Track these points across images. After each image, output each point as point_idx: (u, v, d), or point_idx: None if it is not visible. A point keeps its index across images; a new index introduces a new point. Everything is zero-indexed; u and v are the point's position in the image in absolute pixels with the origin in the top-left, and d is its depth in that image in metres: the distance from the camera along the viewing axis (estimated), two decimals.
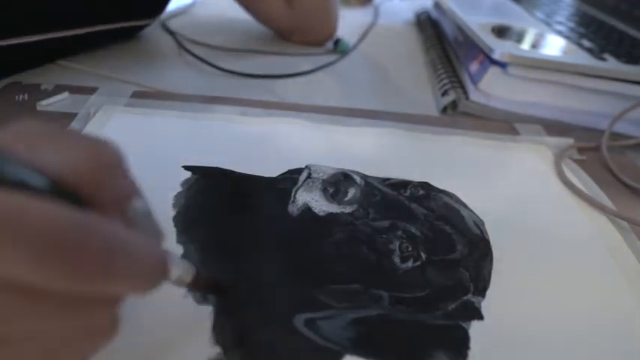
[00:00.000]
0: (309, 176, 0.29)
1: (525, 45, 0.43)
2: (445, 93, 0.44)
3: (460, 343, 0.21)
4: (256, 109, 0.38)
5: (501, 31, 0.46)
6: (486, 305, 0.23)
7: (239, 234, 0.25)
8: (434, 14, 0.69)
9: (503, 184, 0.32)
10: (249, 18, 0.57)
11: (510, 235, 0.27)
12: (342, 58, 0.53)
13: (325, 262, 0.24)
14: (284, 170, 0.30)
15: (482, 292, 0.23)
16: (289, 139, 0.34)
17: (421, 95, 0.46)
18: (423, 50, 0.60)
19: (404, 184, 0.30)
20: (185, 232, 0.25)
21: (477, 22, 0.47)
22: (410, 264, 0.24)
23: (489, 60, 0.41)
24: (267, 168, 0.30)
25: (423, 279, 0.24)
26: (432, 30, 0.64)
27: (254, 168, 0.30)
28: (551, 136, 0.38)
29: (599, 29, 0.52)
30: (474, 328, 0.21)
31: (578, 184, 0.32)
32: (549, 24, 0.52)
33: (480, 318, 0.22)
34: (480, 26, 0.45)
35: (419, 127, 0.38)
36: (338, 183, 0.29)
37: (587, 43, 0.45)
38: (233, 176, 0.30)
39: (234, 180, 0.29)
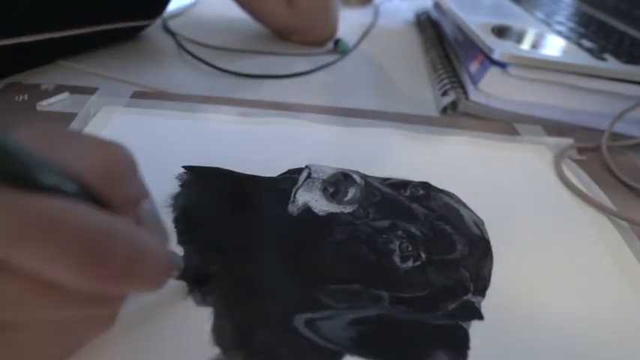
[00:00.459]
0: (309, 176, 0.29)
1: (525, 45, 0.43)
2: (445, 93, 0.44)
3: (460, 343, 0.21)
4: (256, 109, 0.38)
5: (501, 32, 0.46)
6: (486, 305, 0.23)
7: (239, 234, 0.25)
8: (434, 14, 0.69)
9: (503, 184, 0.32)
10: (249, 18, 0.57)
11: (510, 235, 0.27)
12: (342, 58, 0.53)
13: (325, 262, 0.24)
14: (284, 170, 0.30)
15: (482, 292, 0.23)
16: (289, 139, 0.34)
17: (421, 95, 0.46)
18: (423, 50, 0.60)
19: (404, 184, 0.30)
20: (185, 232, 0.25)
21: (476, 22, 0.47)
22: (410, 264, 0.24)
23: (489, 60, 0.41)
24: (267, 168, 0.30)
25: (423, 279, 0.24)
26: (432, 30, 0.64)
27: (254, 168, 0.30)
28: (551, 137, 0.38)
29: (599, 29, 0.52)
30: (474, 328, 0.21)
31: (578, 184, 0.32)
32: (549, 24, 0.52)
33: (480, 318, 0.22)
34: (480, 26, 0.45)
35: (419, 127, 0.38)
36: (338, 183, 0.29)
37: (587, 43, 0.45)
38: (233, 176, 0.30)
39: (234, 180, 0.29)
